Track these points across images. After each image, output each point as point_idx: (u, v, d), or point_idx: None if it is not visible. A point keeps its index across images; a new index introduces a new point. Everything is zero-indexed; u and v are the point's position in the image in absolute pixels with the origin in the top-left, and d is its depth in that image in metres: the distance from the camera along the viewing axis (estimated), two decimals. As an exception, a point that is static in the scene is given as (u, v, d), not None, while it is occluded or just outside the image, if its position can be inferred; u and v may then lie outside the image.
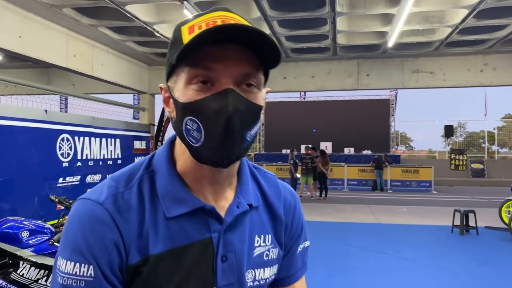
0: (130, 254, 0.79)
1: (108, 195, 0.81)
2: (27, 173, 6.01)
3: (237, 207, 0.88)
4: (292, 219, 1.01)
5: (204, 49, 0.74)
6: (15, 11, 6.39)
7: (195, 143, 0.77)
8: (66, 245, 0.78)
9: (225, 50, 0.75)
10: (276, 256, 0.96)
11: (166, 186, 0.84)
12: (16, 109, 6.02)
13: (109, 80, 9.12)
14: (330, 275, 5.35)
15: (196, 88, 0.76)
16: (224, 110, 0.73)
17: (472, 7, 6.74)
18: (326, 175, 13.66)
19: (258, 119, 0.80)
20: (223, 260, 0.85)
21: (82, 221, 0.78)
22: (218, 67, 0.75)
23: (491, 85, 9.84)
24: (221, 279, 0.85)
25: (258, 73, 0.79)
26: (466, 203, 11.86)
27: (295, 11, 7.03)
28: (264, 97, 0.84)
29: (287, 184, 1.07)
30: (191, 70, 0.76)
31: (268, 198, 0.97)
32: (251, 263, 0.90)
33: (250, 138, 0.79)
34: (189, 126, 0.77)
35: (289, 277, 1.02)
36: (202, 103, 0.75)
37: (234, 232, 0.87)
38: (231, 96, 0.74)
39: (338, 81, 10.40)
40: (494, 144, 26.95)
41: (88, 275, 0.76)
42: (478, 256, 6.28)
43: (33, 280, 2.99)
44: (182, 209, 0.82)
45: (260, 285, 0.92)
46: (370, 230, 8.25)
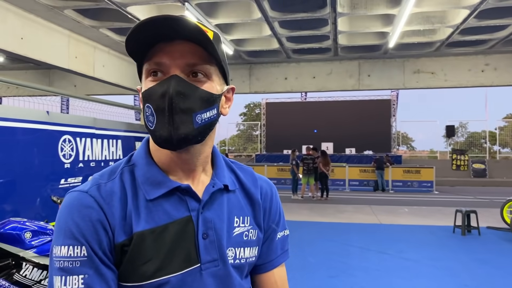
0: (116, 233, 0.85)
1: (92, 185, 0.89)
2: (29, 174, 6.01)
3: (212, 187, 0.95)
4: (270, 205, 1.07)
5: (154, 47, 0.86)
6: (17, 13, 6.41)
7: (151, 126, 0.86)
8: (58, 233, 0.85)
9: (172, 45, 0.86)
10: (256, 237, 1.01)
11: (145, 174, 0.92)
12: (18, 110, 6.03)
13: (110, 81, 9.13)
14: (332, 275, 5.35)
15: (151, 79, 0.87)
16: (167, 92, 0.83)
17: (473, 8, 6.74)
18: (328, 176, 13.66)
19: (211, 105, 0.89)
20: (204, 237, 0.91)
21: (70, 208, 0.85)
22: (165, 60, 0.86)
23: (492, 85, 9.83)
24: (204, 255, 0.91)
25: (204, 64, 0.88)
26: (467, 204, 11.86)
27: (296, 12, 7.03)
28: (222, 89, 0.94)
29: (264, 176, 1.14)
30: (146, 66, 0.88)
31: (245, 185, 1.04)
32: (231, 242, 0.96)
33: (201, 121, 0.87)
34: (147, 112, 0.87)
35: (269, 262, 1.07)
36: (152, 89, 0.86)
37: (212, 211, 0.94)
38: (173, 80, 0.84)
39: (339, 82, 10.40)
40: (496, 144, 26.94)
41: (82, 255, 0.82)
42: (480, 257, 6.28)
43: (36, 281, 3.00)
44: (160, 190, 0.89)
45: (241, 263, 0.97)
46: (371, 230, 8.24)
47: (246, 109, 40.22)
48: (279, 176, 17.58)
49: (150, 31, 0.83)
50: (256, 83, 11.07)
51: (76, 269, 0.81)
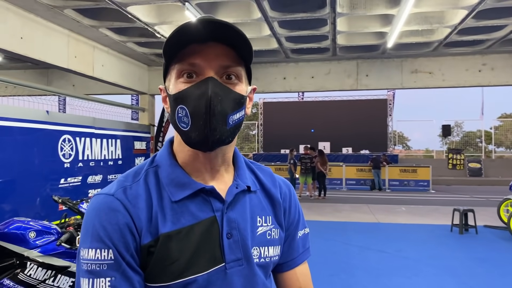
0: (142, 235, 0.87)
1: (118, 188, 0.91)
2: (29, 174, 6.01)
3: (236, 188, 0.97)
4: (289, 204, 1.10)
5: (188, 48, 0.88)
6: (17, 13, 6.40)
7: (185, 127, 0.88)
8: (86, 236, 0.87)
9: (206, 47, 0.88)
10: (278, 236, 1.04)
11: (169, 175, 0.94)
12: (18, 110, 6.02)
13: (109, 81, 9.12)
14: (332, 274, 5.38)
15: (183, 81, 0.89)
16: (205, 94, 0.84)
17: (471, 8, 6.79)
18: (325, 175, 13.71)
19: (241, 107, 0.92)
20: (228, 236, 0.93)
21: (97, 211, 0.87)
22: (200, 61, 0.87)
23: (489, 85, 9.89)
24: (229, 254, 0.93)
25: (237, 66, 0.91)
26: (464, 203, 11.94)
27: (295, 12, 7.05)
28: (248, 90, 0.96)
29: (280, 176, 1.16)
30: (178, 67, 0.89)
31: (265, 185, 1.07)
32: (256, 241, 0.98)
33: (233, 122, 0.89)
34: (180, 113, 0.88)
35: (291, 261, 1.09)
36: (188, 91, 0.87)
37: (235, 211, 0.96)
38: (211, 83, 0.85)
39: (337, 82, 10.43)
40: (491, 144, 27.07)
41: (109, 259, 0.84)
42: (478, 255, 6.33)
43: (40, 280, 3.01)
44: (185, 192, 0.91)
45: (265, 262, 1.00)
46: (369, 229, 8.29)
47: (242, 109, 40.23)
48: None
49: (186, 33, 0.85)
50: (255, 82, 11.03)
51: (103, 272, 0.83)
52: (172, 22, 7.42)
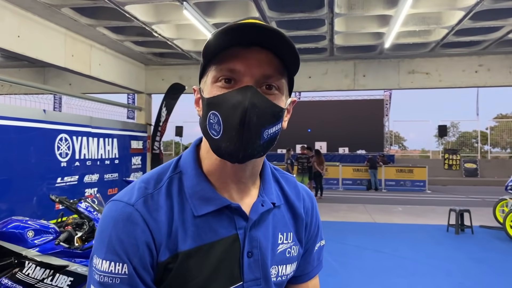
0: (161, 252, 0.83)
1: (139, 197, 0.86)
2: (25, 173, 5.99)
3: (261, 205, 0.93)
4: (311, 218, 1.08)
5: (230, 50, 0.82)
6: (14, 11, 6.37)
7: (216, 135, 0.82)
8: (101, 245, 0.83)
9: (248, 52, 0.82)
10: (297, 253, 1.01)
11: (194, 186, 0.89)
12: (14, 108, 6.01)
13: (106, 80, 9.09)
14: (328, 274, 5.39)
15: (220, 85, 0.83)
16: (242, 104, 0.78)
17: (469, 9, 6.81)
18: (322, 175, 13.74)
19: (278, 120, 0.85)
20: (249, 255, 0.90)
21: (115, 221, 0.83)
22: (240, 67, 0.81)
23: (485, 85, 9.93)
24: (248, 274, 0.90)
25: (279, 77, 0.85)
26: (460, 203, 11.99)
27: (293, 12, 7.06)
28: (287, 103, 0.91)
29: (304, 185, 1.13)
30: (216, 70, 0.83)
31: (289, 198, 1.02)
32: (275, 260, 0.95)
33: (267, 136, 0.83)
34: (212, 119, 0.82)
35: (306, 275, 1.08)
36: (223, 97, 0.81)
37: (258, 229, 0.92)
38: (249, 92, 0.79)
39: (334, 82, 10.44)
40: (487, 144, 27.19)
41: (122, 273, 0.81)
42: (473, 255, 6.37)
43: (38, 279, 3.01)
44: (209, 207, 0.87)
45: (282, 280, 0.98)
46: (366, 229, 8.32)
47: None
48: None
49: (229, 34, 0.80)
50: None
51: (115, 286, 0.80)
52: (170, 21, 7.41)
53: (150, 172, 0.93)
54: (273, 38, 0.80)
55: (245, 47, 0.82)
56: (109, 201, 0.89)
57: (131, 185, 0.91)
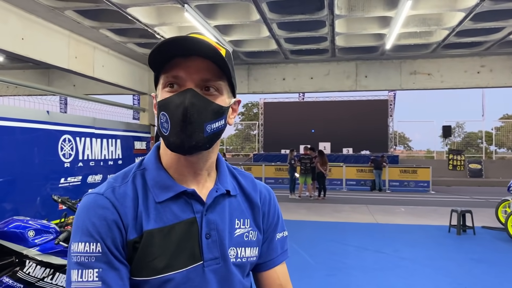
0: (128, 231, 0.94)
1: (107, 188, 0.98)
2: (29, 174, 6.06)
3: (215, 192, 1.04)
4: (269, 208, 1.17)
5: (173, 61, 0.94)
6: (18, 14, 6.46)
7: (165, 132, 0.94)
8: (76, 231, 0.93)
9: (188, 61, 0.94)
10: (256, 238, 1.10)
11: (155, 178, 1.01)
12: (18, 110, 6.08)
13: (109, 81, 9.18)
14: (329, 274, 5.42)
15: (167, 90, 0.96)
16: (182, 103, 0.92)
17: (469, 10, 6.82)
18: (325, 175, 13.73)
19: (220, 117, 0.98)
20: (207, 237, 1.00)
21: (87, 208, 0.94)
22: (182, 74, 0.94)
23: (487, 86, 9.92)
24: (207, 253, 0.99)
25: (217, 79, 0.97)
26: (463, 203, 11.96)
27: (294, 14, 7.10)
28: (231, 102, 1.03)
29: (263, 182, 1.23)
30: (163, 78, 0.97)
31: (245, 190, 1.13)
32: (233, 242, 1.05)
33: (210, 130, 0.96)
34: (162, 119, 0.95)
35: (270, 261, 1.15)
36: (169, 100, 0.94)
37: (214, 213, 1.02)
38: (189, 93, 0.93)
39: (336, 82, 10.47)
40: (492, 145, 27.06)
41: (97, 251, 0.90)
42: (475, 256, 6.36)
43: (39, 278, 3.05)
44: (168, 194, 0.98)
45: (242, 262, 1.06)
46: (368, 230, 8.33)
47: (244, 109, 40.24)
48: (277, 175, 17.65)
49: (171, 47, 0.92)
50: (254, 83, 11.13)
51: (91, 264, 0.89)
52: (172, 23, 7.48)
53: (119, 172, 1.05)
54: (205, 49, 0.93)
55: (185, 57, 0.94)
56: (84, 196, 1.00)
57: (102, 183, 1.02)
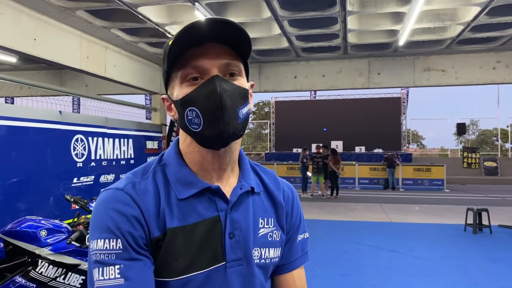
0: (151, 228, 0.88)
1: (127, 183, 0.92)
2: (42, 173, 6.11)
3: (240, 189, 0.99)
4: (292, 208, 1.11)
5: (187, 52, 0.88)
6: (30, 15, 6.50)
7: (197, 128, 0.89)
8: (94, 229, 0.88)
9: (205, 48, 0.89)
10: (279, 238, 1.06)
11: (176, 174, 0.95)
12: (31, 110, 6.13)
13: (121, 81, 9.21)
14: (343, 273, 5.37)
15: (189, 84, 0.90)
16: (214, 91, 0.86)
17: (484, 5, 6.69)
18: (337, 174, 13.63)
19: (247, 101, 0.93)
20: (230, 236, 0.95)
21: (106, 203, 0.89)
22: (203, 63, 0.88)
23: (503, 82, 9.74)
24: (230, 254, 0.94)
25: (237, 62, 0.93)
26: (479, 202, 11.77)
27: (305, 11, 7.04)
28: (248, 86, 0.97)
29: (285, 180, 1.17)
30: (181, 72, 0.90)
31: (268, 187, 1.08)
32: (257, 242, 1.00)
33: (242, 116, 0.91)
34: (190, 116, 0.89)
35: (290, 264, 1.10)
36: (196, 92, 0.88)
37: (238, 212, 0.97)
38: (217, 80, 0.87)
39: (349, 80, 10.37)
40: (508, 142, 26.63)
41: (117, 248, 0.85)
42: (492, 255, 6.25)
43: (51, 278, 3.06)
44: (191, 190, 0.93)
45: (266, 263, 1.01)
46: (382, 229, 8.24)
47: (255, 108, 40.20)
48: (289, 174, 17.58)
49: (183, 39, 0.87)
50: (266, 82, 11.08)
51: (112, 261, 0.84)
52: (183, 22, 7.46)
53: (137, 167, 0.99)
54: (222, 30, 0.87)
55: (199, 46, 0.88)
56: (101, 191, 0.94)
57: (120, 179, 0.96)
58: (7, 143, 5.49)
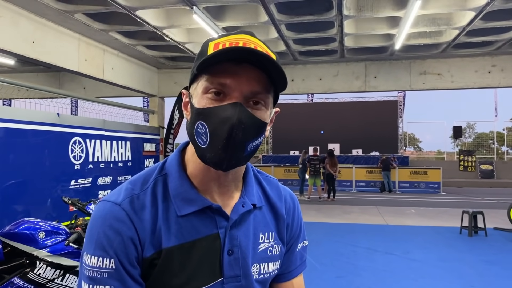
0: (145, 248, 0.89)
1: (125, 197, 0.91)
2: (40, 176, 6.12)
3: (242, 206, 0.97)
4: (293, 219, 1.11)
5: (222, 65, 0.85)
6: (29, 17, 6.53)
7: (202, 144, 0.86)
8: (90, 242, 0.89)
9: (239, 69, 0.85)
10: (279, 252, 1.06)
11: (177, 188, 0.94)
12: (29, 112, 6.14)
13: (119, 83, 9.23)
14: (339, 276, 5.40)
15: (210, 97, 0.86)
16: (230, 120, 0.82)
17: (479, 9, 6.75)
18: (334, 177, 13.67)
19: (262, 133, 0.89)
20: (229, 253, 0.94)
21: (103, 219, 0.89)
22: (231, 83, 0.85)
23: (499, 86, 9.80)
24: (228, 271, 0.94)
25: (266, 94, 0.89)
26: (475, 205, 11.83)
27: (302, 15, 7.08)
28: (271, 114, 0.94)
29: (286, 187, 1.16)
30: (208, 82, 0.86)
31: (271, 199, 1.07)
32: (256, 258, 1.00)
33: (250, 149, 0.88)
34: (199, 129, 0.86)
35: (289, 273, 1.11)
36: (212, 111, 0.85)
37: (239, 229, 0.97)
38: (238, 109, 0.83)
39: (345, 83, 10.42)
40: (504, 145, 26.76)
41: (110, 268, 0.86)
42: (487, 257, 6.29)
43: (49, 279, 3.07)
44: (192, 208, 0.92)
45: (264, 278, 1.02)
46: (378, 231, 8.28)
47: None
48: (286, 177, 17.60)
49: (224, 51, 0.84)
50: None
51: (103, 280, 0.85)
52: (181, 25, 7.50)
53: (138, 174, 0.98)
54: (262, 61, 0.84)
55: (236, 63, 0.85)
56: (98, 201, 0.95)
57: (120, 186, 0.96)
58: (5, 145, 5.50)
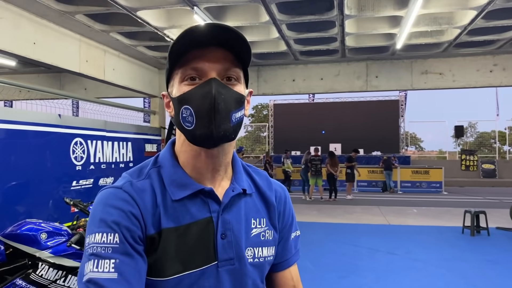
0: (147, 226, 0.92)
1: (125, 182, 0.96)
2: (42, 177, 6.12)
3: (232, 191, 1.02)
4: (284, 207, 1.15)
5: (190, 53, 0.93)
6: (30, 19, 6.54)
7: (190, 126, 0.92)
8: (92, 223, 0.90)
9: (206, 52, 0.93)
10: (272, 237, 1.09)
11: (171, 176, 0.98)
12: (31, 114, 6.14)
13: (120, 84, 9.24)
14: (341, 276, 5.39)
15: (187, 83, 0.94)
16: (209, 93, 0.89)
17: (481, 8, 6.74)
18: (335, 177, 13.64)
19: (242, 105, 0.97)
20: (222, 237, 0.98)
21: (105, 200, 0.92)
22: (202, 65, 0.93)
23: (500, 85, 9.79)
24: (222, 254, 0.97)
25: (236, 68, 0.96)
26: (477, 204, 11.80)
27: (303, 15, 7.08)
28: (246, 92, 1.01)
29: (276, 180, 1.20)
30: (182, 71, 0.94)
31: (261, 188, 1.11)
32: (250, 242, 1.03)
33: (235, 120, 0.94)
34: (184, 114, 0.93)
35: (285, 261, 1.14)
36: (192, 92, 0.92)
37: (230, 213, 1.00)
38: (214, 83, 0.91)
39: (347, 83, 10.41)
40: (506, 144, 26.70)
41: (114, 242, 0.87)
42: (490, 257, 6.27)
43: (51, 280, 3.07)
44: (185, 192, 0.96)
45: (260, 262, 1.05)
46: (380, 231, 8.26)
47: (253, 111, 40.24)
48: (288, 177, 17.55)
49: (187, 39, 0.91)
50: (264, 85, 11.12)
51: (108, 254, 0.86)
52: (181, 26, 7.50)
53: (132, 168, 1.03)
54: (225, 36, 0.91)
55: (202, 48, 0.92)
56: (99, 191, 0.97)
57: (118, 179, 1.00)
58: (7, 147, 5.50)
